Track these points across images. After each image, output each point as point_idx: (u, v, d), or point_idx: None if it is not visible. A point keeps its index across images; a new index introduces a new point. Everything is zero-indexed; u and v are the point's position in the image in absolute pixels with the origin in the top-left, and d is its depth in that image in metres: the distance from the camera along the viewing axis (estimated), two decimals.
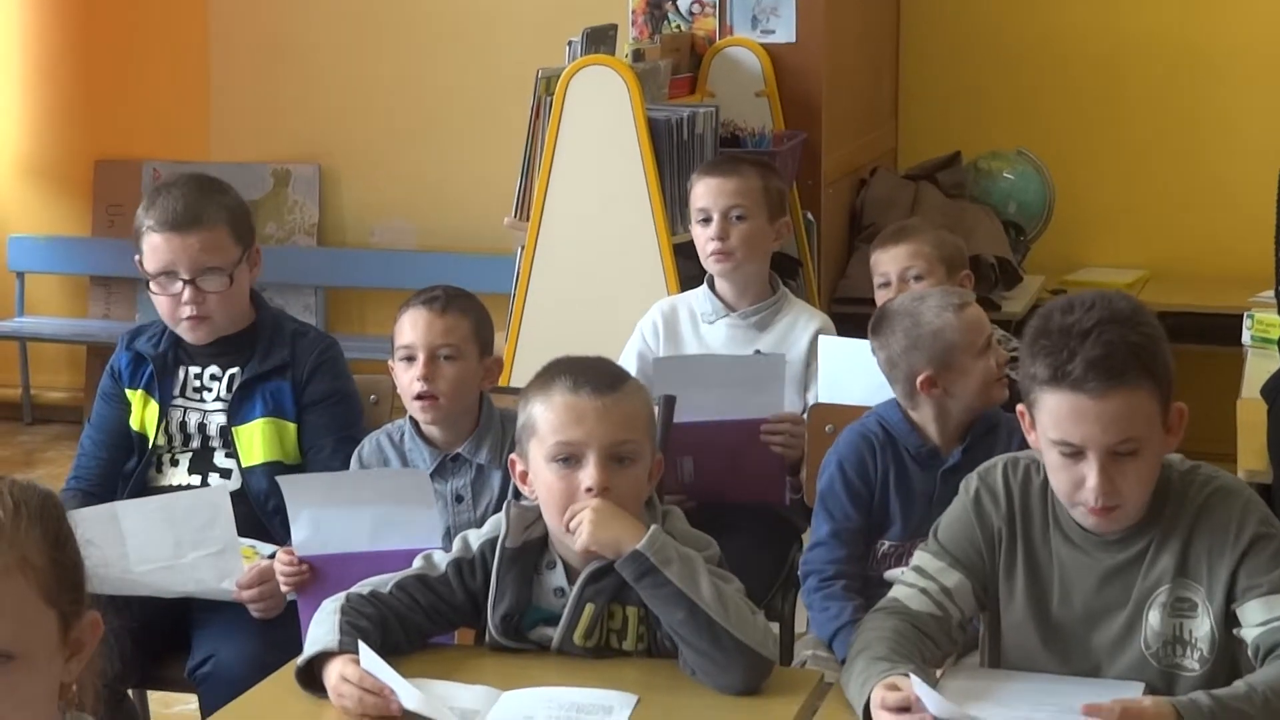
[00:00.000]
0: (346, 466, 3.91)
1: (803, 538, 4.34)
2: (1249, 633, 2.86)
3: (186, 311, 4.03)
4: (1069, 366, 2.83)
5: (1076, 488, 2.89)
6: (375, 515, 3.47)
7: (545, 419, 3.02)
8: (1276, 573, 2.87)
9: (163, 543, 3.72)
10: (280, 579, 3.60)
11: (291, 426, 4.07)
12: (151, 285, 4.06)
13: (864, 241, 6.79)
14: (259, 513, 4.00)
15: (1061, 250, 7.49)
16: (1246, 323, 5.35)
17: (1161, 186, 7.56)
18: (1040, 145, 7.45)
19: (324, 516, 3.50)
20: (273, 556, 3.80)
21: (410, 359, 3.83)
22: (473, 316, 3.87)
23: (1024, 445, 3.04)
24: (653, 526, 2.96)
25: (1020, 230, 7.22)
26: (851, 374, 4.16)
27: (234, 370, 4.09)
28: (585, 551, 2.99)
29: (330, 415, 4.07)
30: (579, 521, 2.97)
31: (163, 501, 3.81)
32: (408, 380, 3.83)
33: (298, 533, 3.52)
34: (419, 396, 3.81)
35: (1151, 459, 2.89)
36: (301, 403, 4.08)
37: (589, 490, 2.97)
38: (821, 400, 4.28)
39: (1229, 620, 2.89)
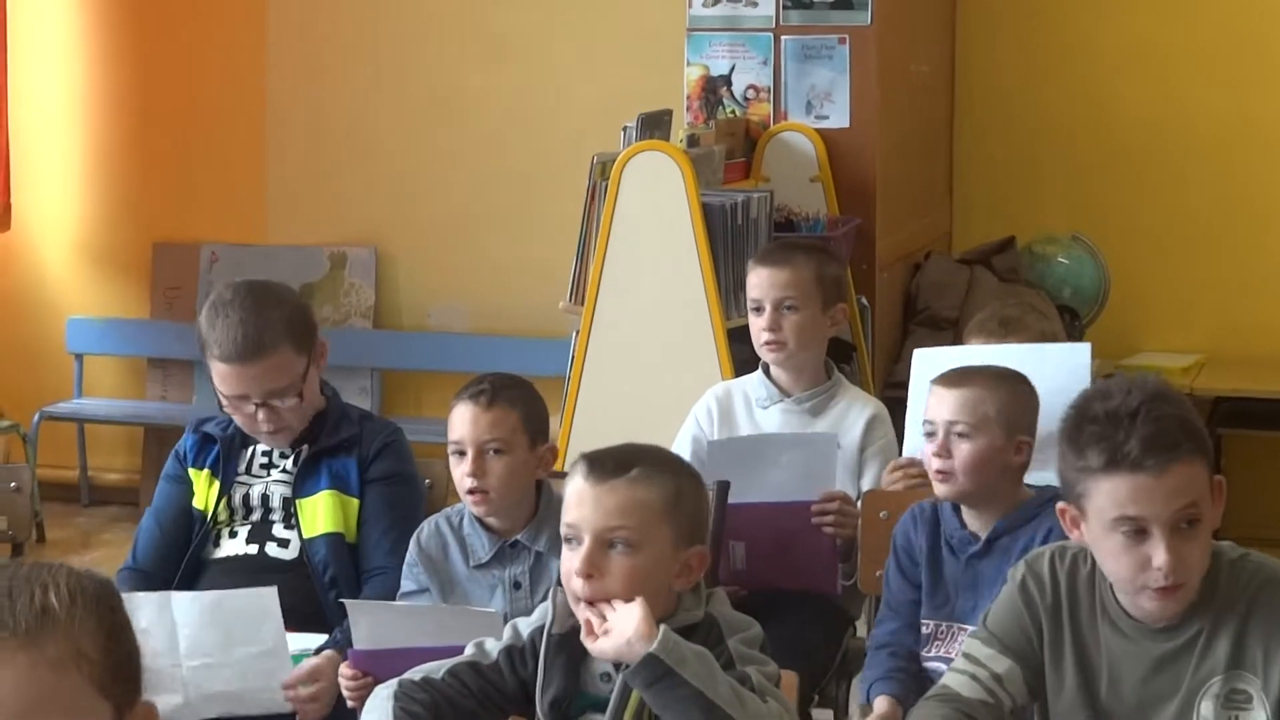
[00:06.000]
0: (401, 547, 3.92)
1: (856, 625, 4.33)
2: None
3: (264, 428, 4.05)
4: (1125, 448, 2.83)
5: (1142, 569, 2.86)
6: (437, 617, 3.45)
7: (563, 501, 3.05)
8: None
9: (213, 637, 3.70)
10: (345, 694, 3.56)
11: (354, 501, 4.08)
12: (225, 404, 4.07)
13: (919, 325, 6.79)
14: (316, 583, 4.02)
15: (1116, 334, 7.45)
16: None
17: (1217, 270, 7.53)
18: (1095, 228, 7.44)
19: (384, 619, 3.49)
20: (319, 651, 3.79)
21: (460, 453, 3.83)
22: (521, 407, 3.83)
23: (1059, 538, 3.02)
24: (662, 628, 2.88)
25: (1075, 315, 7.20)
26: None
27: (302, 446, 4.12)
28: None
29: (391, 493, 4.09)
30: (588, 631, 2.93)
31: (215, 597, 3.77)
32: (459, 475, 3.83)
33: (358, 633, 3.48)
34: (470, 491, 3.82)
35: (1208, 530, 2.89)
36: (365, 479, 4.09)
37: (575, 571, 2.96)
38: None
39: None
